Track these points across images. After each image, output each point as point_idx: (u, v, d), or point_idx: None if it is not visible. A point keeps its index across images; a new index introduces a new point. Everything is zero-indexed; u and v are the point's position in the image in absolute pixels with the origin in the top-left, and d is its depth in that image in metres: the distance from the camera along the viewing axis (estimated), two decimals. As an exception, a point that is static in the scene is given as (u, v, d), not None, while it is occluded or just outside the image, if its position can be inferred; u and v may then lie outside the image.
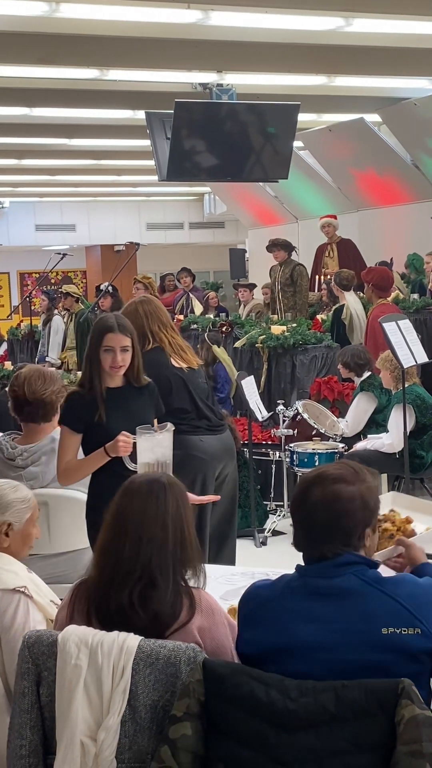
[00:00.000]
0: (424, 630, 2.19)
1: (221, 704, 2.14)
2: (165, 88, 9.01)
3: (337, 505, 2.27)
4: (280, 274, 10.32)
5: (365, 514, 2.30)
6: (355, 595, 2.23)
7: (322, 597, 2.25)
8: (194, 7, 6.66)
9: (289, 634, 2.25)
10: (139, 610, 2.30)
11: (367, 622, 2.19)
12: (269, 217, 15.16)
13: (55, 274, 19.12)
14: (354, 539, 2.30)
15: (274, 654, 2.25)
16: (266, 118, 8.65)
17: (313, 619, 2.23)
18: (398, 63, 8.78)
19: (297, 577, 2.33)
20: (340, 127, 11.67)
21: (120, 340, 3.78)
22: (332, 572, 2.27)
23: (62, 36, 7.36)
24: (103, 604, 2.34)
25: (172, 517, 2.38)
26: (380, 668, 2.16)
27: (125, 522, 2.38)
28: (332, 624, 2.22)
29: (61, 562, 3.93)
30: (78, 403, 3.74)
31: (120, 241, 19.40)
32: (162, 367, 4.54)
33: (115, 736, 2.18)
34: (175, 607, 2.33)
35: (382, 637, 2.18)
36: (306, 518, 2.31)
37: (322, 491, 2.29)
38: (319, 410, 7.15)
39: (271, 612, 2.29)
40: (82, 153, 13.55)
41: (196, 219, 21.01)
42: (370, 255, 11.02)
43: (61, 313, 11.95)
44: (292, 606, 2.27)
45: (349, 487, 2.29)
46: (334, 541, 2.28)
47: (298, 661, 2.22)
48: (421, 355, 6.11)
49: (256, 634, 2.30)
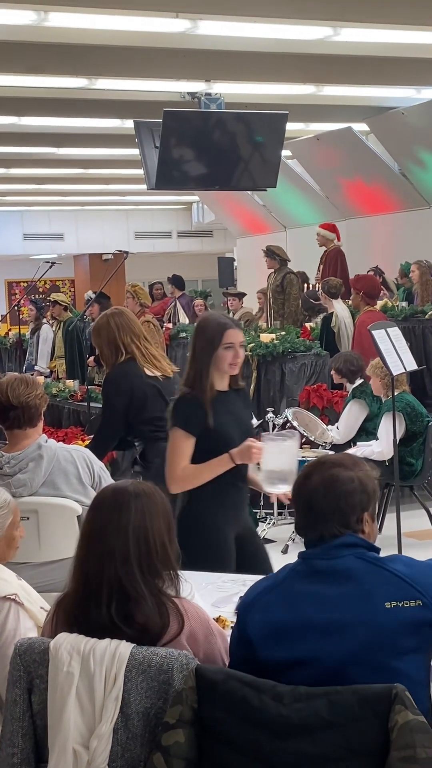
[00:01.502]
0: (425, 601, 2.24)
1: (214, 711, 2.13)
2: (153, 97, 9.04)
3: (334, 486, 2.33)
4: (272, 282, 10.37)
5: (363, 498, 2.35)
6: (356, 574, 2.28)
7: (326, 578, 2.29)
8: (182, 17, 6.69)
9: (298, 613, 2.27)
10: (122, 625, 2.27)
11: (370, 598, 2.24)
12: (257, 225, 15.19)
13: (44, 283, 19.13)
14: (352, 521, 2.34)
15: (285, 634, 2.27)
16: (254, 127, 8.68)
17: (319, 600, 2.27)
18: (386, 72, 8.83)
19: (300, 561, 2.37)
20: (328, 136, 11.72)
21: (239, 336, 3.71)
22: (333, 553, 2.31)
23: (51, 45, 7.38)
24: (83, 619, 2.31)
25: (135, 528, 2.32)
26: (386, 644, 2.20)
27: (90, 536, 2.36)
28: (337, 603, 2.25)
29: (51, 570, 3.91)
30: (189, 406, 3.64)
31: (108, 250, 19.41)
32: (135, 378, 4.60)
33: (107, 744, 2.17)
34: (164, 618, 2.31)
35: (386, 612, 2.22)
36: (305, 501, 2.37)
37: (321, 476, 2.36)
38: (309, 418, 7.16)
39: (278, 595, 2.32)
40: (70, 162, 13.58)
41: (184, 228, 21.05)
42: (358, 263, 11.05)
43: (50, 322, 11.94)
44: (298, 588, 2.31)
45: (347, 472, 2.35)
46: (332, 521, 2.32)
47: (310, 641, 2.24)
48: (411, 363, 6.13)
49: (266, 615, 2.30)
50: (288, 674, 2.22)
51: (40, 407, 3.97)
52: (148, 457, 4.66)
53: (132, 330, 4.66)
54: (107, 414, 4.78)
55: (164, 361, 4.78)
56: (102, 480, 4.01)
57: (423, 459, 6.47)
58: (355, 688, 2.09)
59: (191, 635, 2.34)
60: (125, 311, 4.80)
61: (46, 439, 3.98)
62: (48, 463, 3.90)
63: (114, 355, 4.66)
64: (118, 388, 4.64)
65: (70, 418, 8.50)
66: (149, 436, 4.65)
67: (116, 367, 4.66)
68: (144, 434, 4.67)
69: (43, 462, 3.89)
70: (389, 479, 6.30)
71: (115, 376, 4.67)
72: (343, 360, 7.05)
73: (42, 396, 3.97)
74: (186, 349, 10.35)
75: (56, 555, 3.93)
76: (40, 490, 3.90)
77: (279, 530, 6.92)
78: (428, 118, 10.30)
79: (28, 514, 3.80)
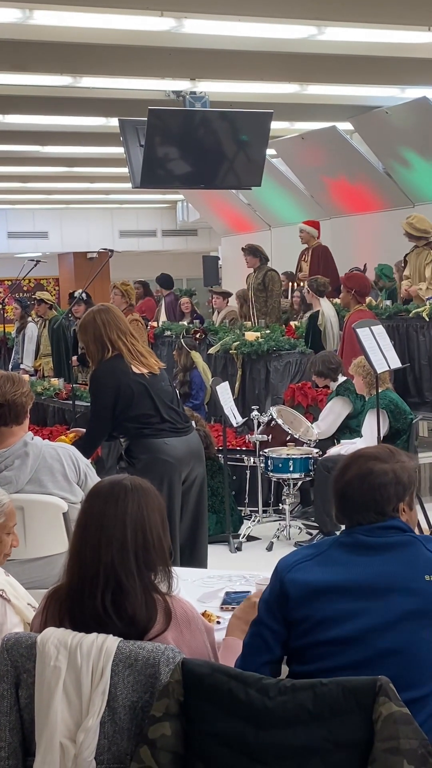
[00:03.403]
0: None
1: (200, 704, 2.15)
2: (138, 96, 9.05)
3: (369, 479, 2.43)
4: (253, 280, 10.39)
5: (398, 489, 2.44)
6: (400, 546, 2.39)
7: (369, 550, 2.40)
8: (168, 15, 6.70)
9: (341, 576, 2.37)
10: (113, 616, 2.29)
11: (412, 568, 2.35)
12: (242, 224, 15.21)
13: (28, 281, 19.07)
14: (388, 511, 2.44)
15: (324, 594, 2.35)
16: (239, 126, 8.70)
17: (363, 566, 2.37)
18: (370, 71, 8.86)
19: (345, 534, 2.47)
20: (313, 135, 11.74)
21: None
22: (378, 533, 2.42)
23: (35, 43, 7.38)
24: (77, 610, 2.33)
25: (132, 519, 2.36)
26: (422, 614, 2.31)
27: (87, 526, 2.38)
28: (381, 570, 2.36)
29: (37, 567, 3.92)
30: None
31: (93, 249, 19.40)
32: (122, 375, 4.60)
33: (94, 737, 2.19)
34: (151, 611, 2.33)
35: (426, 584, 2.33)
36: (343, 492, 2.48)
37: (358, 468, 2.46)
38: (294, 416, 7.18)
39: (321, 561, 2.42)
40: (54, 160, 13.55)
41: (169, 226, 21.04)
42: (342, 262, 11.08)
43: (35, 320, 11.92)
44: (342, 557, 2.41)
45: (382, 464, 2.45)
46: (368, 512, 2.43)
47: (349, 602, 2.33)
48: (395, 361, 6.16)
49: (307, 575, 2.39)
50: (321, 631, 2.33)
51: (27, 405, 3.97)
52: (133, 454, 4.67)
53: (119, 327, 4.66)
54: (95, 410, 4.78)
55: (151, 357, 4.79)
56: (88, 477, 4.03)
57: (407, 456, 6.50)
58: (339, 680, 2.11)
59: (178, 631, 2.36)
60: (112, 308, 4.79)
61: (32, 436, 3.98)
62: (34, 460, 3.91)
63: (100, 351, 4.66)
64: (104, 385, 4.64)
65: (55, 417, 8.51)
66: (135, 433, 4.66)
67: (102, 363, 4.66)
68: (130, 431, 4.68)
69: (29, 459, 3.90)
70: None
71: (101, 373, 4.67)
72: (320, 361, 7.08)
73: (28, 394, 3.98)
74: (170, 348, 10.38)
75: (42, 552, 3.94)
76: (26, 487, 3.91)
77: (264, 528, 6.95)
78: (412, 118, 10.34)
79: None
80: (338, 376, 6.98)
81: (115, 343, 4.62)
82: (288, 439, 6.85)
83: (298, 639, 2.37)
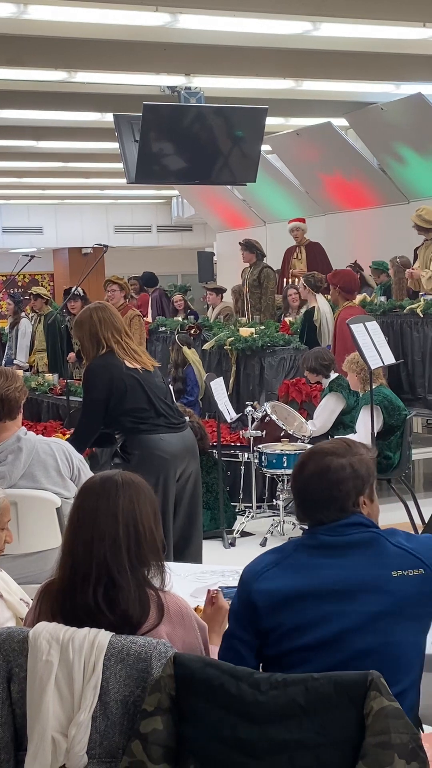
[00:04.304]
0: (427, 570, 2.34)
1: (192, 698, 2.15)
2: (133, 91, 9.04)
3: (327, 475, 2.40)
4: (248, 276, 10.39)
5: (356, 483, 2.42)
6: (365, 543, 2.37)
7: (333, 550, 2.37)
8: (162, 10, 6.69)
9: (307, 581, 2.34)
10: (106, 612, 2.30)
11: (379, 566, 2.33)
12: (237, 220, 15.21)
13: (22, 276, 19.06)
14: (348, 506, 2.41)
15: (293, 601, 2.33)
16: (234, 122, 8.69)
17: (328, 568, 2.35)
18: (365, 67, 8.86)
19: (307, 536, 2.44)
20: (308, 131, 11.74)
21: None
22: (340, 530, 2.39)
23: (30, 38, 7.37)
24: (69, 604, 2.33)
25: (124, 513, 2.36)
26: (393, 612, 2.30)
27: (79, 521, 2.38)
28: (347, 571, 2.34)
29: (30, 562, 3.92)
30: None
31: (87, 244, 19.35)
32: (115, 369, 4.62)
33: (86, 732, 2.19)
34: (144, 606, 2.33)
35: (393, 580, 2.31)
36: (302, 491, 2.46)
37: (315, 465, 2.43)
38: (288, 412, 7.19)
39: (286, 567, 2.39)
40: (49, 155, 13.53)
41: (164, 222, 21.02)
42: (337, 258, 11.09)
43: (29, 315, 11.91)
44: (306, 560, 2.39)
45: (339, 459, 2.42)
46: (329, 509, 2.40)
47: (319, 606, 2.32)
48: (389, 357, 6.17)
49: (272, 584, 2.36)
50: (293, 639, 2.31)
51: (20, 400, 3.97)
52: (128, 449, 4.68)
53: (114, 325, 4.68)
54: (87, 404, 4.80)
55: (145, 356, 4.81)
56: (81, 473, 4.03)
57: (401, 452, 6.51)
58: (331, 676, 2.11)
59: (171, 626, 2.36)
60: (108, 306, 4.82)
61: (26, 431, 3.98)
62: (27, 455, 3.91)
63: (95, 348, 4.68)
64: (97, 378, 4.65)
65: (50, 412, 8.51)
66: (129, 428, 4.66)
67: (96, 358, 4.68)
68: (124, 426, 4.68)
69: (23, 454, 3.90)
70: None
71: (94, 367, 4.69)
72: (313, 357, 7.08)
73: (21, 389, 3.98)
74: (165, 343, 10.39)
75: (35, 547, 3.94)
76: (20, 482, 3.91)
77: (258, 523, 6.96)
78: (407, 114, 10.34)
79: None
80: (330, 373, 6.99)
81: (109, 340, 4.65)
82: (282, 435, 6.86)
83: (272, 647, 2.35)
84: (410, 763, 2.03)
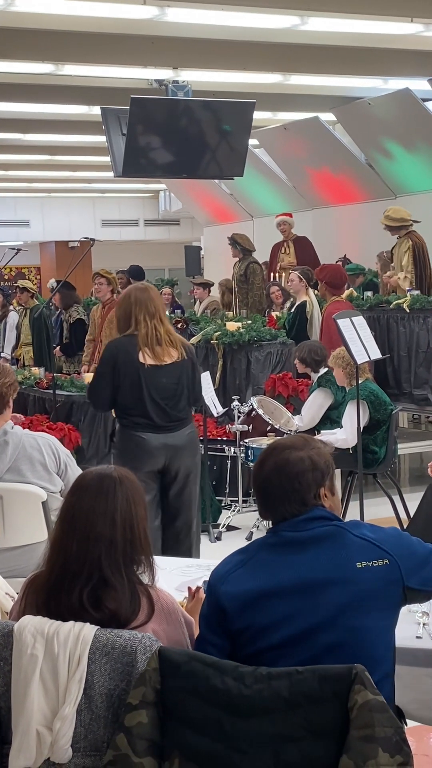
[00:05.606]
0: (391, 560, 2.35)
1: (177, 692, 2.15)
2: (121, 84, 9.02)
3: (286, 469, 2.42)
4: (236, 271, 10.40)
5: (315, 475, 2.43)
6: (328, 538, 2.38)
7: (296, 547, 2.38)
8: (150, 4, 6.68)
9: (273, 579, 2.35)
10: (90, 611, 2.29)
11: (342, 559, 2.34)
12: (224, 214, 15.19)
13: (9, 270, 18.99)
14: (309, 499, 2.42)
15: (260, 600, 2.33)
16: (222, 116, 8.68)
17: (292, 565, 2.36)
18: (353, 62, 8.86)
19: (270, 535, 2.44)
20: (295, 125, 11.74)
21: None
22: (302, 526, 2.40)
23: (17, 30, 7.33)
24: (53, 601, 2.33)
25: (122, 514, 2.35)
26: (359, 604, 2.30)
27: (74, 519, 2.36)
28: (311, 566, 2.34)
29: (15, 556, 3.91)
30: None
31: (74, 238, 19.33)
32: (121, 355, 4.70)
33: (70, 725, 2.19)
34: (135, 605, 2.33)
35: (357, 571, 2.32)
36: (263, 487, 2.47)
37: (274, 460, 2.44)
38: (274, 406, 7.19)
39: (251, 567, 2.39)
40: (36, 148, 13.49)
41: (151, 216, 20.98)
42: (324, 253, 11.10)
43: (16, 309, 11.87)
44: (270, 558, 2.39)
45: (297, 452, 2.44)
46: (290, 502, 2.41)
47: (286, 604, 2.32)
48: (375, 351, 6.17)
49: (239, 586, 2.37)
50: (263, 638, 2.31)
51: (8, 395, 3.96)
52: (114, 438, 4.86)
53: (147, 308, 4.73)
54: (95, 373, 4.98)
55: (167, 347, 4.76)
56: (68, 467, 4.02)
57: (386, 447, 6.53)
58: (315, 669, 2.12)
59: (158, 623, 2.36)
60: (150, 288, 4.89)
61: (12, 425, 3.97)
62: (13, 449, 3.90)
63: (123, 326, 4.81)
64: (106, 353, 4.86)
65: (36, 406, 8.47)
66: (117, 416, 4.82)
67: (117, 339, 4.85)
68: (117, 413, 4.83)
69: (9, 448, 3.89)
70: (353, 467, 6.36)
71: (110, 345, 4.93)
72: (307, 349, 7.08)
73: (11, 384, 3.96)
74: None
75: (21, 541, 3.94)
76: (5, 476, 3.90)
77: (243, 517, 6.96)
78: (394, 109, 10.35)
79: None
80: (320, 369, 7.00)
81: (139, 323, 4.71)
82: (268, 430, 6.86)
83: (244, 648, 2.35)
84: (394, 756, 2.04)
